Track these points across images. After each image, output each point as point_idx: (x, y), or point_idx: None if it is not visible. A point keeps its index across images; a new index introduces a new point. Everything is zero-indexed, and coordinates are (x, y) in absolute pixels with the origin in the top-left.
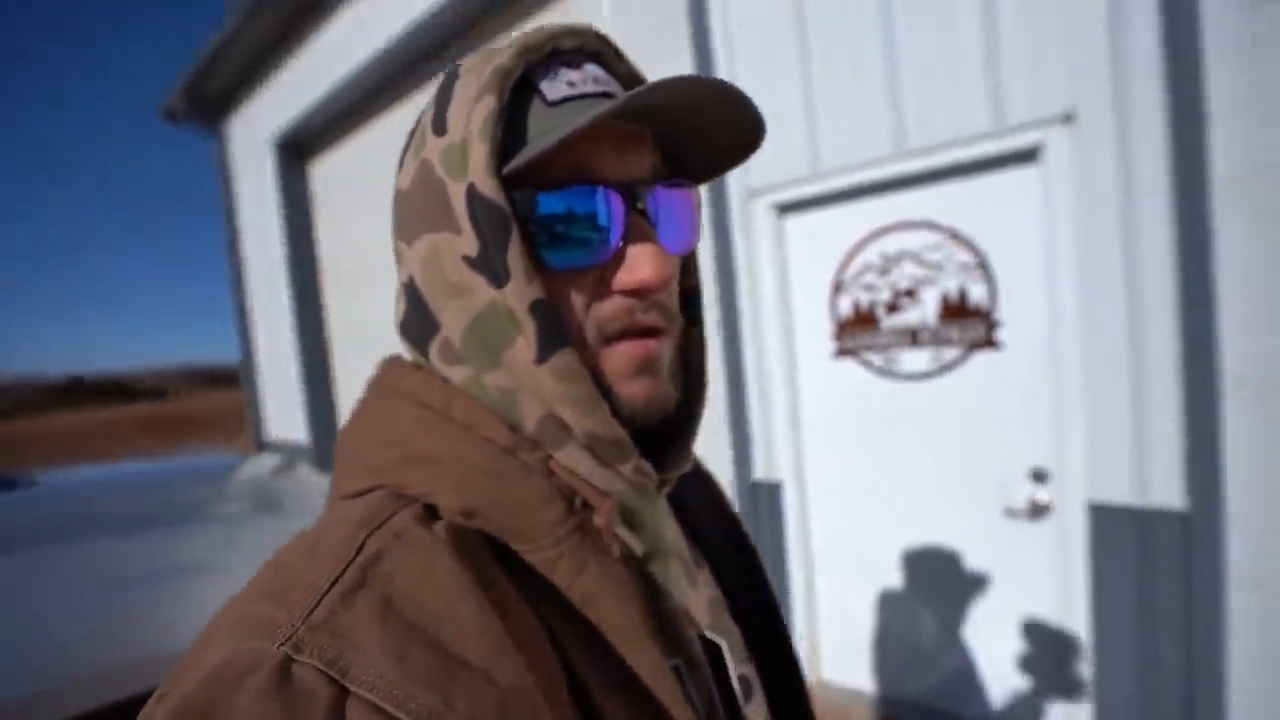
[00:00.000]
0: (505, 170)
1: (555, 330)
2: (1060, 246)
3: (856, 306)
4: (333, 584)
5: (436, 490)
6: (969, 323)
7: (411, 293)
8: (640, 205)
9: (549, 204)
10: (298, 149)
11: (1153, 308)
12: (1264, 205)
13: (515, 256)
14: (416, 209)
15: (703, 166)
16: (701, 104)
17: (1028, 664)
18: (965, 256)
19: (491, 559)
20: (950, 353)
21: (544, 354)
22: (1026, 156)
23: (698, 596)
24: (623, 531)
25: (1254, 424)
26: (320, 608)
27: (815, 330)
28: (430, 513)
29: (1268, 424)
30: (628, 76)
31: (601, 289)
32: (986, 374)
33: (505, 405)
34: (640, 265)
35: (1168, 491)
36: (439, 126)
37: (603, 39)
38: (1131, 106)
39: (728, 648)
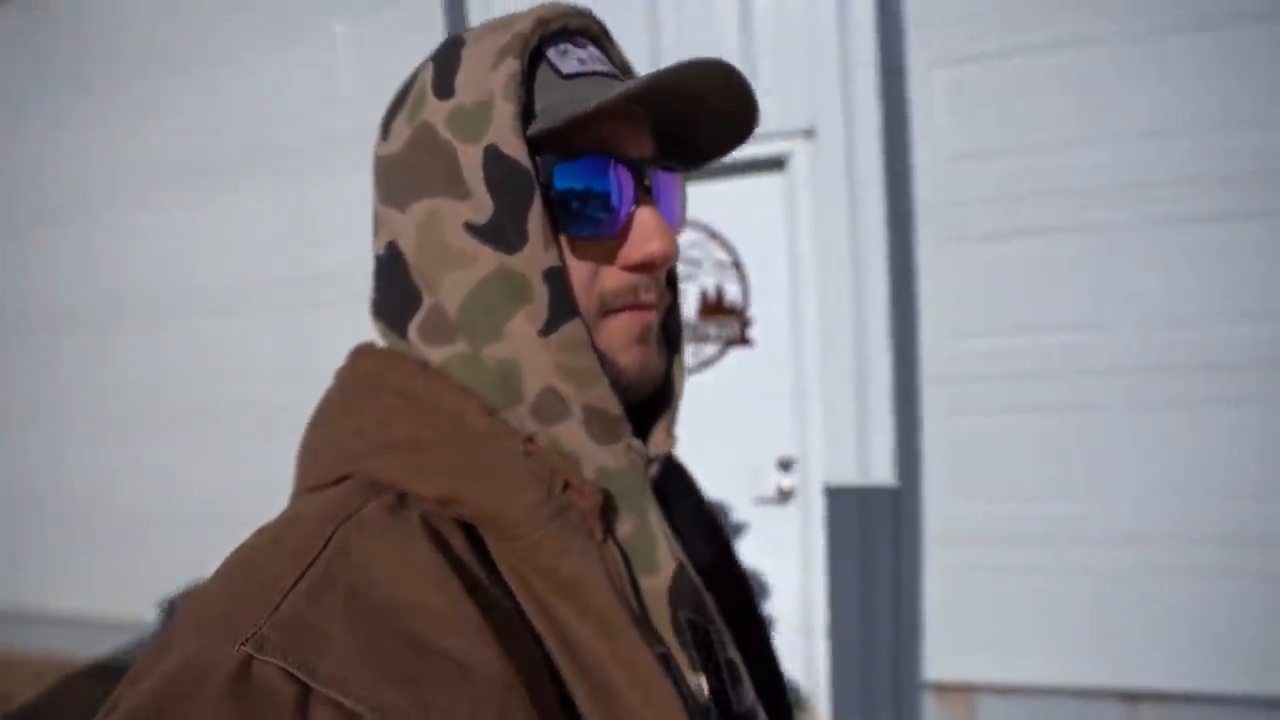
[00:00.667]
0: (529, 133)
1: (566, 299)
2: (802, 249)
3: None
4: (299, 578)
5: (409, 478)
6: (726, 320)
7: (391, 264)
8: (647, 183)
9: (567, 173)
10: None
11: (872, 312)
12: (951, 230)
13: (536, 220)
14: (412, 173)
15: (691, 154)
16: (706, 91)
17: (778, 626)
18: (721, 255)
19: (469, 546)
20: (709, 349)
21: (553, 323)
22: (775, 164)
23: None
24: (620, 525)
25: (944, 413)
26: (285, 604)
27: None
28: (403, 501)
29: (955, 414)
30: (620, 64)
31: (608, 263)
32: (740, 369)
33: (502, 379)
34: (650, 240)
35: (883, 471)
36: (443, 89)
37: (603, 25)
38: (857, 130)
39: (714, 632)
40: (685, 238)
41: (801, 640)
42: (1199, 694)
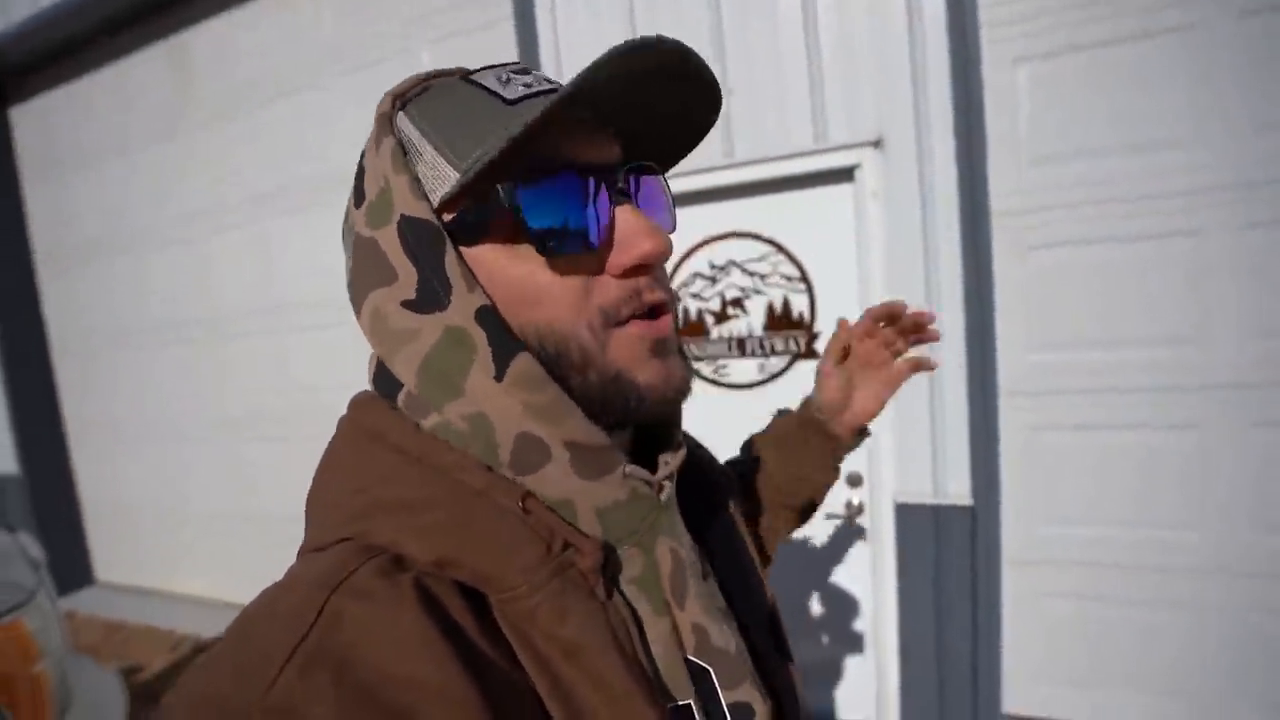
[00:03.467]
0: (474, 170)
1: (504, 334)
2: (871, 262)
3: (686, 315)
4: (292, 653)
5: (405, 540)
6: (792, 333)
7: (376, 358)
8: (621, 186)
9: (531, 196)
10: None
11: (947, 324)
12: (1027, 240)
13: (453, 266)
14: (357, 281)
15: (666, 151)
16: (650, 76)
17: (847, 647)
18: (788, 268)
19: (465, 611)
20: (775, 362)
21: (501, 363)
22: (843, 175)
23: (685, 617)
24: (628, 569)
25: (1022, 430)
26: (277, 685)
27: None
28: (399, 564)
29: (1033, 430)
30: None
31: (598, 273)
32: (808, 383)
33: (478, 436)
34: (639, 239)
35: (959, 490)
36: (359, 197)
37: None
38: (930, 141)
39: (716, 674)
40: (751, 251)
41: (872, 663)
42: None
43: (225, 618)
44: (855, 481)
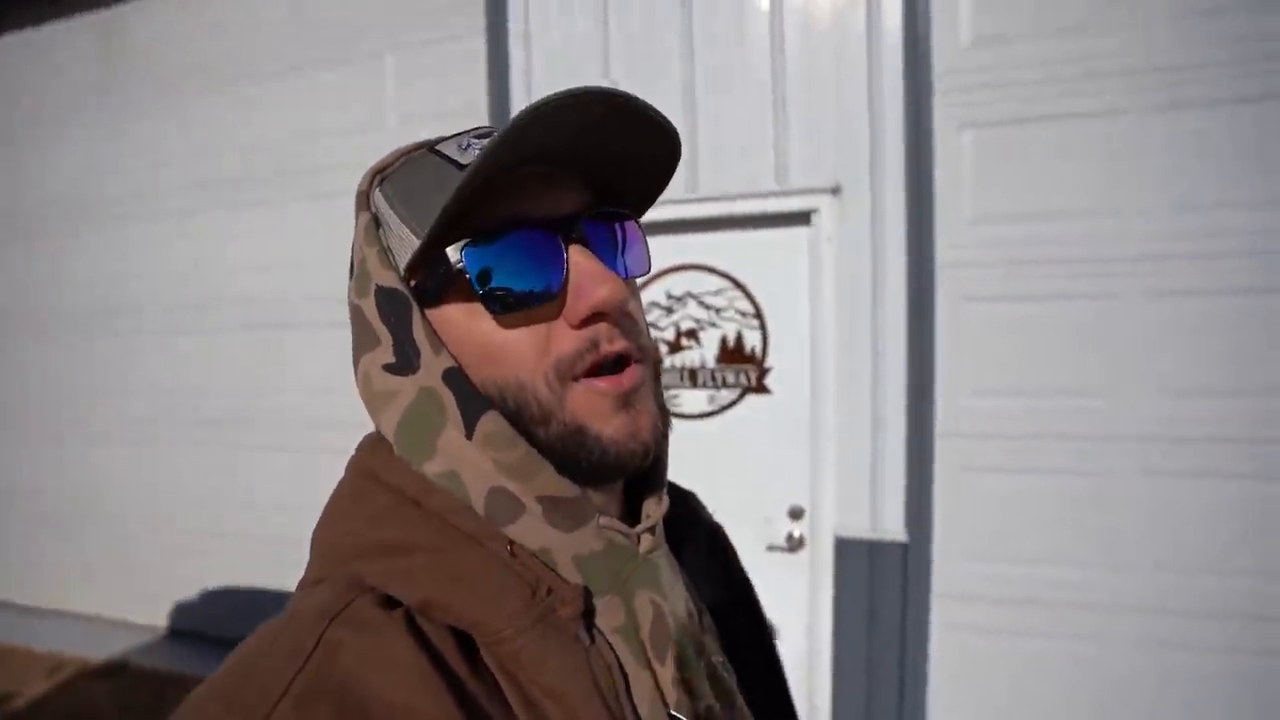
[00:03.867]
0: (425, 236)
1: (471, 394)
2: (823, 303)
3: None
4: (289, 684)
5: (392, 583)
6: (744, 367)
7: None
8: (576, 235)
9: (480, 256)
10: None
11: (890, 366)
12: (968, 290)
13: (419, 331)
14: (356, 347)
15: (636, 195)
16: (592, 128)
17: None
18: (744, 304)
19: (454, 650)
20: (726, 395)
21: (469, 423)
22: (801, 218)
23: (665, 673)
24: (610, 619)
25: (956, 470)
26: (275, 715)
27: None
28: (389, 602)
29: (966, 471)
30: None
31: (556, 328)
32: (756, 417)
33: (454, 491)
34: (592, 289)
35: (894, 526)
36: (350, 270)
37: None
38: (883, 191)
39: None
40: (708, 285)
41: (804, 691)
42: None
43: (121, 637)
44: (797, 514)
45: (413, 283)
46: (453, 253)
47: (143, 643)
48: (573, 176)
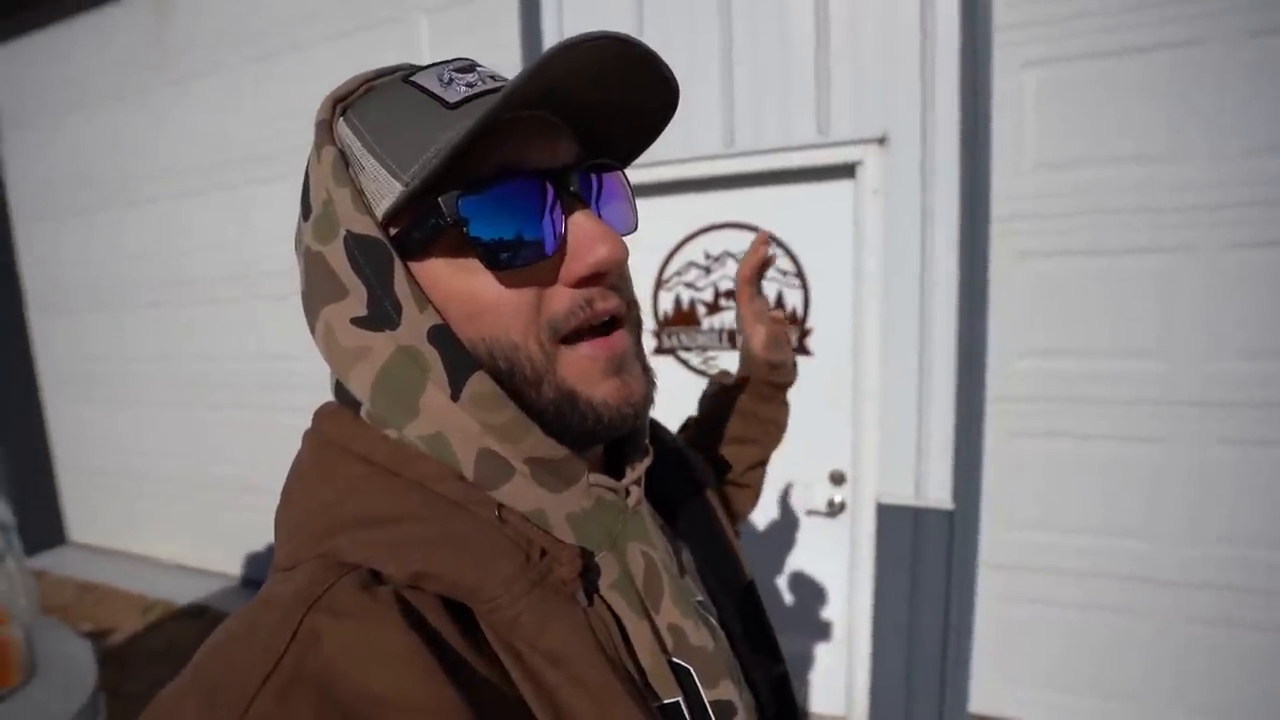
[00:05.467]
0: (417, 182)
1: (460, 354)
2: (867, 261)
3: (678, 304)
4: (268, 675)
5: (377, 557)
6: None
7: (335, 385)
8: (573, 188)
9: (475, 206)
10: None
11: (939, 328)
12: (1022, 246)
13: (401, 285)
14: (308, 296)
15: (625, 147)
16: (603, 74)
17: (822, 643)
18: (784, 262)
19: (448, 623)
20: None
21: (456, 383)
22: (845, 172)
23: (662, 619)
24: (606, 576)
25: (1004, 436)
26: (253, 709)
27: None
28: (376, 578)
29: (1016, 436)
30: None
31: (550, 286)
32: (798, 379)
33: (439, 453)
34: (592, 248)
35: (940, 493)
36: (305, 210)
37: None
38: (934, 140)
39: (696, 673)
40: (747, 243)
41: (843, 659)
42: None
43: (196, 584)
44: (838, 480)
45: (393, 231)
46: (446, 202)
47: (221, 588)
48: (564, 125)
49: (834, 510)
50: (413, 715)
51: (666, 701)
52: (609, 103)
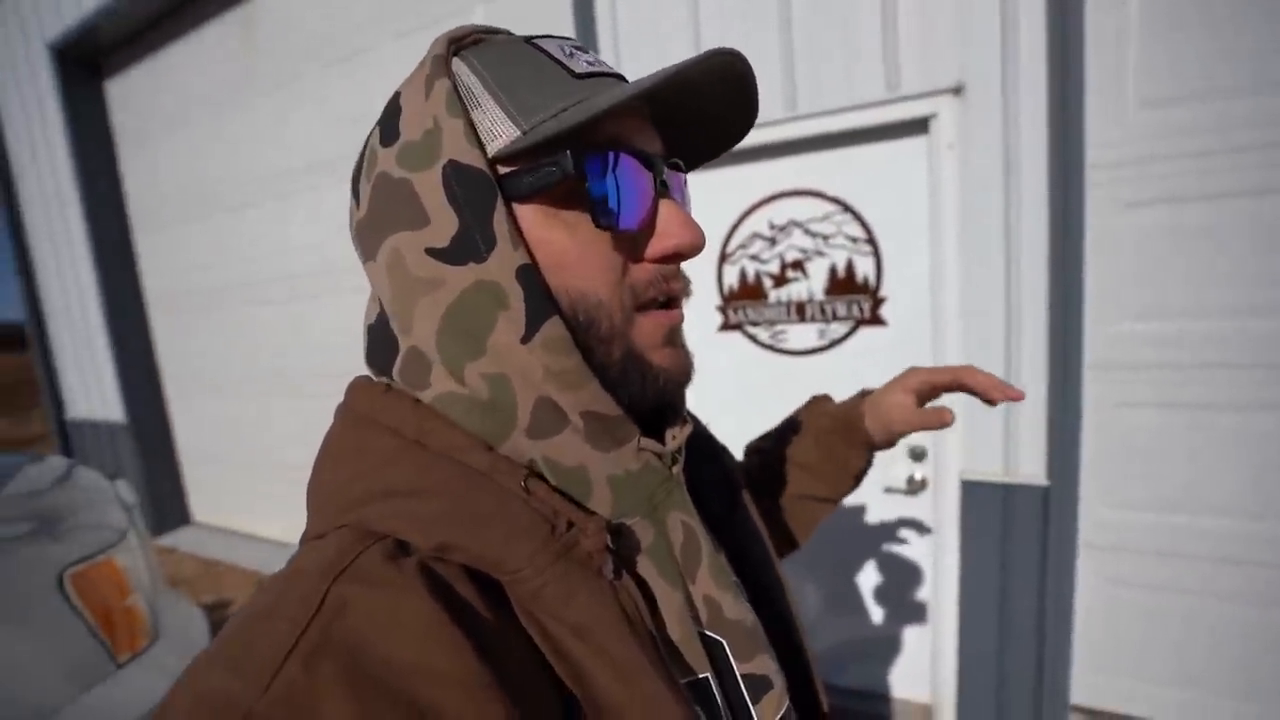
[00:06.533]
0: (546, 132)
1: (543, 297)
2: (945, 222)
3: (744, 278)
4: (295, 644)
5: (404, 527)
6: (855, 298)
7: (377, 324)
8: (663, 178)
9: (595, 165)
10: (89, 60)
11: (1027, 290)
12: (1129, 196)
13: (501, 222)
14: (376, 222)
15: (695, 152)
16: (707, 85)
17: (902, 628)
18: (853, 229)
19: (474, 594)
20: (837, 328)
21: (532, 323)
22: (917, 127)
23: (698, 589)
24: (640, 540)
25: (1105, 406)
26: (280, 677)
27: (700, 302)
28: (402, 549)
29: (1119, 406)
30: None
31: (635, 257)
32: (871, 351)
33: (492, 403)
34: (679, 231)
35: (1032, 468)
36: (389, 136)
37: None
38: (1017, 86)
39: (729, 646)
40: (813, 211)
41: (928, 644)
42: None
43: None
44: (919, 456)
45: (501, 170)
46: (573, 155)
47: None
48: (651, 119)
49: (914, 488)
50: (438, 682)
51: (698, 677)
52: (694, 110)
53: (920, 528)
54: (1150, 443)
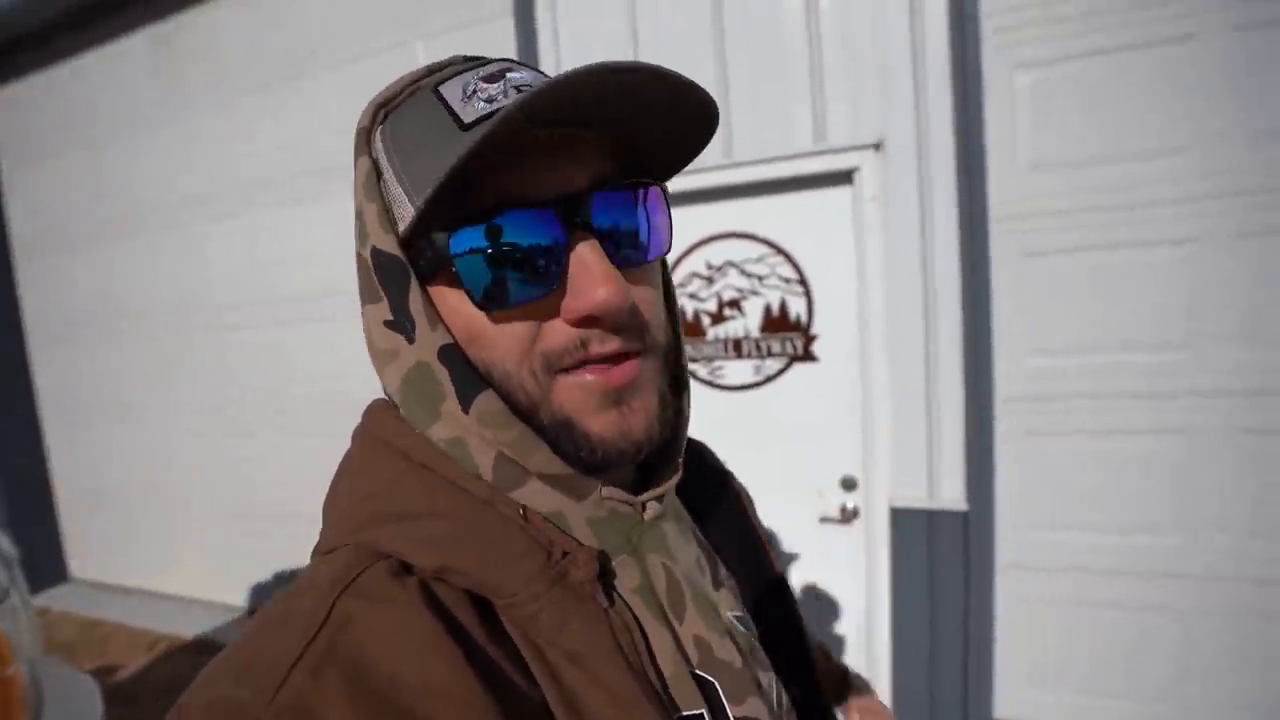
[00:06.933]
0: (416, 213)
1: (469, 373)
2: (869, 265)
3: (683, 316)
4: (302, 654)
5: (408, 549)
6: (789, 335)
7: None
8: (581, 219)
9: (469, 239)
10: None
11: (944, 329)
12: (1027, 244)
13: (415, 304)
14: (361, 292)
15: (664, 161)
16: (631, 92)
17: (841, 649)
18: (786, 270)
19: (472, 616)
20: (772, 364)
21: (464, 399)
22: (843, 178)
23: (685, 630)
24: (626, 581)
25: (1018, 435)
26: (286, 686)
27: None
28: (405, 569)
29: (1031, 435)
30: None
31: (551, 317)
32: (804, 386)
33: (459, 456)
34: (590, 290)
35: (953, 495)
36: (357, 215)
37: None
38: (929, 144)
39: (721, 688)
40: (749, 252)
41: (864, 666)
42: None
43: (207, 617)
44: (850, 485)
45: (410, 252)
46: (437, 239)
47: (226, 621)
48: (598, 142)
49: (847, 516)
50: (437, 697)
51: (689, 714)
52: (641, 121)
53: (855, 554)
54: (1058, 467)
